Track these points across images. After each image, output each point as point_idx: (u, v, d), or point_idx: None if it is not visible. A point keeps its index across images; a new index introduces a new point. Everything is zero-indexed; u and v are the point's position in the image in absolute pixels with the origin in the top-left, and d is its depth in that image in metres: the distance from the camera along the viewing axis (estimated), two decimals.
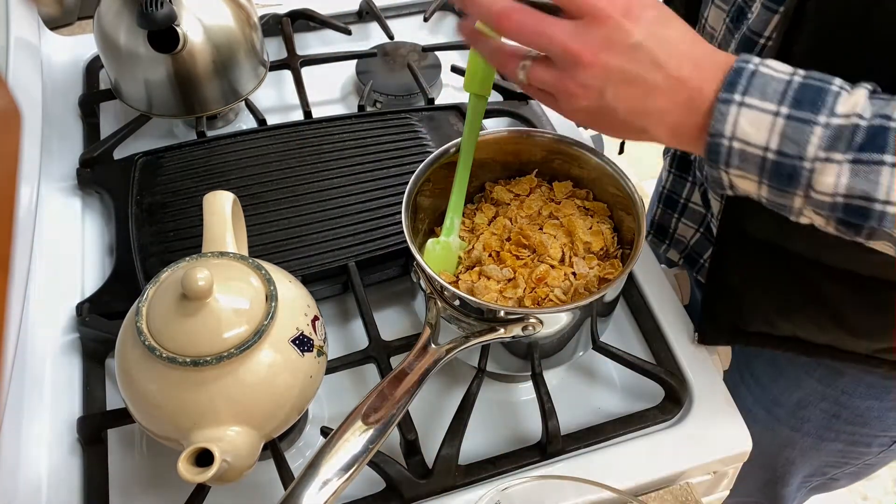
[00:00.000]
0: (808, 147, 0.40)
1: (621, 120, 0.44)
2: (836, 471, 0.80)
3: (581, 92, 0.43)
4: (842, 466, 0.79)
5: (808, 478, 0.83)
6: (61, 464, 0.59)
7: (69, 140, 0.83)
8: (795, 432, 0.75)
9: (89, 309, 0.66)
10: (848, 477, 0.82)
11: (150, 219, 0.72)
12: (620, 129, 0.46)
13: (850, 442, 0.74)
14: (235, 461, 0.48)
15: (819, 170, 0.40)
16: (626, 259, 0.63)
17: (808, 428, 0.74)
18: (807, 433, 0.75)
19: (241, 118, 0.90)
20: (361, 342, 0.65)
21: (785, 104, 0.40)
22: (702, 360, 0.66)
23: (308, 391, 0.53)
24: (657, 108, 0.43)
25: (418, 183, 0.61)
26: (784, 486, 0.84)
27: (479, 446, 0.62)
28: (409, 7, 1.03)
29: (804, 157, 0.40)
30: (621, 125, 0.45)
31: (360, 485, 0.59)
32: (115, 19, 0.77)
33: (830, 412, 0.72)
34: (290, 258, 0.68)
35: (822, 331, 0.63)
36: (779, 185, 0.42)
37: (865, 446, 0.75)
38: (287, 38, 0.93)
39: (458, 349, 0.55)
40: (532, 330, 0.55)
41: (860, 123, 0.39)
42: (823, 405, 0.72)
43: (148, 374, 0.50)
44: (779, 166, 0.41)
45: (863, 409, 0.70)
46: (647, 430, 0.63)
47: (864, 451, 0.76)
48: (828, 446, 0.76)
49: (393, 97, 0.89)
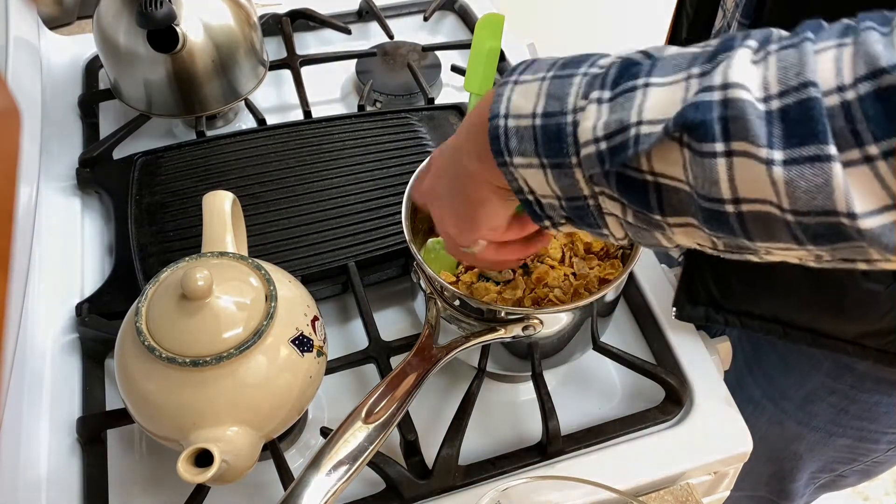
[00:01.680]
0: (569, 99, 0.38)
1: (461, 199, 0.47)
2: (844, 467, 0.80)
3: None
4: (850, 463, 0.79)
5: (817, 474, 0.82)
6: (61, 464, 0.59)
7: (69, 140, 0.83)
8: (803, 426, 0.75)
9: (89, 309, 0.66)
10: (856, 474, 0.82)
11: (149, 219, 0.71)
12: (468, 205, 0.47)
13: (858, 438, 0.74)
14: (235, 461, 0.48)
15: (580, 121, 0.37)
16: (626, 259, 0.63)
17: (816, 422, 0.74)
18: (815, 427, 0.75)
19: (241, 118, 0.90)
20: (361, 342, 0.65)
21: (553, 70, 0.39)
22: (702, 360, 0.66)
23: (308, 391, 0.53)
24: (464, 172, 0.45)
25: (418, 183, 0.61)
26: (792, 482, 0.84)
27: (479, 446, 0.62)
28: (409, 7, 1.03)
29: (566, 110, 0.38)
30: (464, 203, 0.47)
31: (360, 485, 0.59)
32: (115, 19, 0.76)
33: (839, 406, 0.72)
34: (290, 258, 0.68)
35: (799, 309, 0.62)
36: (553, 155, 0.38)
37: (874, 443, 0.75)
38: (287, 38, 0.93)
39: (458, 349, 0.55)
40: (532, 330, 0.55)
41: (615, 62, 0.38)
42: (832, 399, 0.71)
43: (147, 375, 0.50)
44: (546, 129, 0.38)
45: (871, 405, 0.70)
46: (647, 430, 0.63)
47: (872, 447, 0.75)
48: (836, 441, 0.75)
49: (393, 97, 0.89)
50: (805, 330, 0.64)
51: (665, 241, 0.39)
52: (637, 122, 0.35)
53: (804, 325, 0.64)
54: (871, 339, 0.62)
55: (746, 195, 0.32)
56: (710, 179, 0.33)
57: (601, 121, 0.36)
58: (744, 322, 0.66)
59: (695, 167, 0.33)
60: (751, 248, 0.35)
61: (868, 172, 0.29)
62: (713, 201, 0.33)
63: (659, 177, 0.35)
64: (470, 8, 1.01)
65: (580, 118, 0.37)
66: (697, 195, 0.34)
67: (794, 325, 0.64)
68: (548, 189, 0.40)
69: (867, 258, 0.32)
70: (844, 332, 0.63)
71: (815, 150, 0.30)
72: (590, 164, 0.37)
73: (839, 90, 0.29)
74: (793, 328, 0.64)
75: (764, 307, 0.64)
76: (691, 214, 0.35)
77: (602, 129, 0.36)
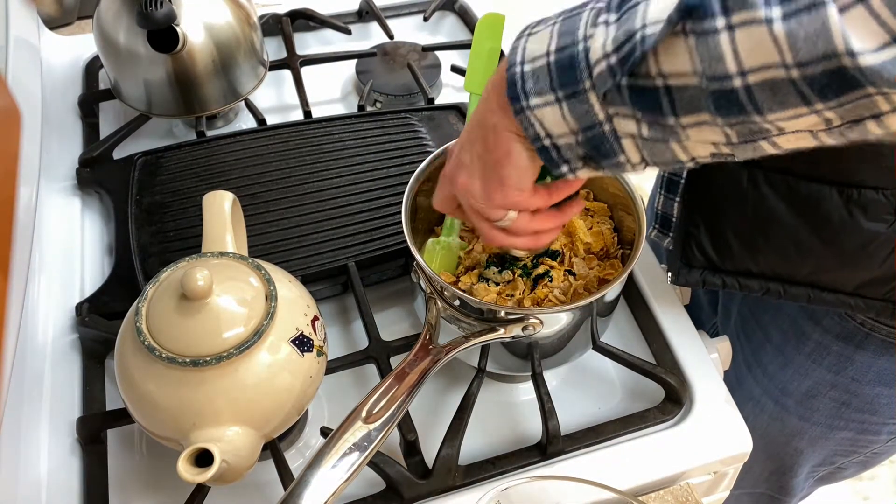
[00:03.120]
0: (579, 30, 0.40)
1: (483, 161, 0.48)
2: (844, 459, 0.80)
3: None
4: (850, 455, 0.79)
5: (816, 467, 0.82)
6: (61, 464, 0.59)
7: (69, 140, 0.83)
8: (805, 422, 0.75)
9: (89, 309, 0.66)
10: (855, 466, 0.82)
11: (149, 219, 0.71)
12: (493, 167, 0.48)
13: (860, 430, 0.74)
14: (235, 461, 0.48)
15: (591, 45, 0.40)
16: (626, 259, 0.63)
17: (817, 417, 0.74)
18: (816, 422, 0.75)
19: (241, 118, 0.90)
20: (361, 342, 0.65)
21: (562, 15, 0.42)
22: (702, 360, 0.66)
23: (308, 391, 0.53)
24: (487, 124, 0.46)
25: (418, 183, 0.61)
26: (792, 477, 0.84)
27: (479, 446, 0.62)
28: (409, 7, 1.03)
29: (577, 40, 0.40)
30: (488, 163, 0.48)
31: (360, 485, 0.59)
32: (115, 19, 0.76)
33: (840, 400, 0.71)
34: (290, 258, 0.68)
35: (799, 261, 0.62)
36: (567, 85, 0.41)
37: (875, 434, 0.75)
38: (287, 38, 0.93)
39: (458, 349, 0.55)
40: (532, 330, 0.55)
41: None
42: (833, 393, 0.71)
43: (148, 375, 0.50)
44: (559, 62, 0.41)
45: (872, 397, 0.70)
46: (647, 430, 0.63)
47: (873, 438, 0.75)
48: (837, 435, 0.75)
49: (393, 97, 0.89)
50: (805, 285, 0.63)
51: (681, 151, 0.40)
52: (642, 26, 0.37)
53: (804, 279, 0.63)
54: (872, 289, 0.61)
55: (752, 64, 0.34)
56: (715, 57, 0.35)
57: (609, 38, 0.38)
58: (742, 283, 0.65)
59: (700, 49, 0.35)
60: (763, 131, 0.37)
61: (864, 12, 0.31)
62: (721, 79, 0.35)
63: (668, 77, 0.37)
64: (470, 8, 1.01)
65: (590, 43, 0.39)
66: (706, 79, 0.36)
67: (793, 280, 0.63)
68: (564, 126, 0.42)
69: (875, 112, 0.34)
70: (845, 284, 0.62)
71: None
72: (602, 82, 0.39)
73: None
74: (792, 284, 0.63)
75: (763, 264, 0.63)
76: (703, 108, 0.37)
77: (612, 44, 0.38)
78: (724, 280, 0.65)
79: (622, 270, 0.59)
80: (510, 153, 0.45)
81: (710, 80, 0.35)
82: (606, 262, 0.63)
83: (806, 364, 0.71)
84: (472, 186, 0.49)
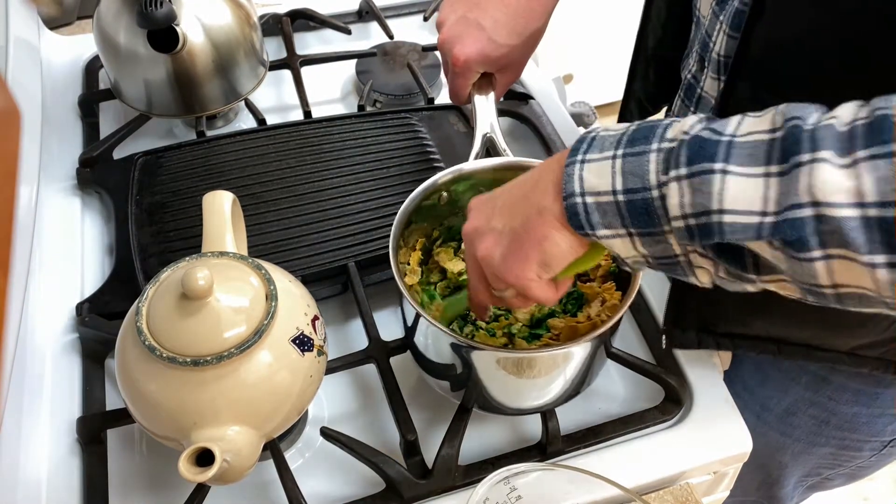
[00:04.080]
0: (649, 175, 0.40)
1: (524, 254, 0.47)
2: (829, 471, 0.80)
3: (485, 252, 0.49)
4: (835, 468, 0.79)
5: (804, 478, 0.83)
6: (61, 464, 0.59)
7: (69, 140, 0.83)
8: (786, 437, 0.75)
9: (89, 309, 0.66)
10: (843, 477, 0.82)
11: (149, 219, 0.71)
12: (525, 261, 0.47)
13: (841, 447, 0.74)
14: (236, 461, 0.48)
15: (666, 195, 0.39)
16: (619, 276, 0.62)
17: (797, 434, 0.74)
18: (797, 438, 0.75)
19: (241, 118, 0.90)
20: (361, 342, 0.65)
21: (621, 147, 0.41)
22: (702, 360, 0.66)
23: (308, 391, 0.53)
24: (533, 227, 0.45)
25: (407, 214, 0.60)
26: (781, 488, 0.84)
27: (479, 446, 0.62)
28: (409, 7, 1.03)
29: (648, 186, 0.40)
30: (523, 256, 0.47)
31: (361, 485, 0.59)
32: (115, 19, 0.76)
33: (819, 418, 0.71)
34: (290, 258, 0.68)
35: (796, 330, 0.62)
36: (643, 227, 0.41)
37: (856, 451, 0.75)
38: (287, 38, 0.93)
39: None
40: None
41: (684, 139, 0.39)
42: (812, 411, 0.71)
43: (148, 374, 0.50)
44: (631, 204, 0.40)
45: (850, 416, 0.70)
46: (647, 430, 0.63)
47: (855, 454, 0.75)
48: (819, 450, 0.75)
49: (393, 97, 0.89)
50: (800, 346, 0.64)
51: (751, 287, 0.42)
52: (718, 209, 0.37)
53: (799, 341, 0.63)
54: (869, 350, 0.62)
55: (846, 283, 0.35)
56: (808, 274, 0.36)
57: (685, 199, 0.38)
58: (736, 344, 0.65)
59: (793, 265, 0.36)
60: None
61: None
62: (812, 286, 0.37)
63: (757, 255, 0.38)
64: None
65: (664, 192, 0.39)
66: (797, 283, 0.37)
67: (788, 341, 0.64)
68: (634, 252, 0.43)
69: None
70: (841, 346, 0.62)
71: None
72: (681, 236, 0.40)
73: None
74: (787, 345, 0.64)
75: (758, 328, 0.63)
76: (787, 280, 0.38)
77: (689, 208, 0.39)
78: (719, 341, 0.65)
79: (619, 307, 0.57)
80: (548, 238, 0.45)
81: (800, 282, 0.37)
82: (605, 284, 0.62)
83: (785, 382, 0.71)
84: (493, 251, 0.48)
